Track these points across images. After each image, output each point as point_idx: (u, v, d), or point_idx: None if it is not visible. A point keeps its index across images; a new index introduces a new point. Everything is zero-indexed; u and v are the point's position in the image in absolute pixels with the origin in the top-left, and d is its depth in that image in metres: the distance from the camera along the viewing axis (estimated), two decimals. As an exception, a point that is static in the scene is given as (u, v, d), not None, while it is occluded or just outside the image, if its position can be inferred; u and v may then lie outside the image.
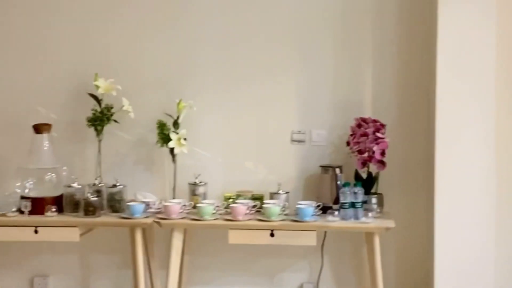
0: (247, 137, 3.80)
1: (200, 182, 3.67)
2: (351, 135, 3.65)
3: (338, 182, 3.60)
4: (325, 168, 3.66)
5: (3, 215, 3.54)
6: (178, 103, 3.68)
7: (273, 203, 3.52)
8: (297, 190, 3.75)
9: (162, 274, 3.70)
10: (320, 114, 3.78)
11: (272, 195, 3.62)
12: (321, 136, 3.77)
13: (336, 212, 3.46)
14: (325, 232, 3.66)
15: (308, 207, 3.46)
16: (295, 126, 3.79)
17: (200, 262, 3.85)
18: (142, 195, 3.65)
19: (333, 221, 3.44)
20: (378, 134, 3.53)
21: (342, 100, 3.78)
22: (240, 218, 3.45)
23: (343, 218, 3.46)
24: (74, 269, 3.94)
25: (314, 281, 3.82)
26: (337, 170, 3.62)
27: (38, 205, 3.56)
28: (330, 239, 3.74)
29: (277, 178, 3.72)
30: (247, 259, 3.83)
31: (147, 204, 3.57)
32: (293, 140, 3.78)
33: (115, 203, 3.60)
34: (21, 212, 3.55)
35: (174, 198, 3.66)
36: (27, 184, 3.60)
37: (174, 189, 3.69)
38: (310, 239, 3.39)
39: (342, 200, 3.46)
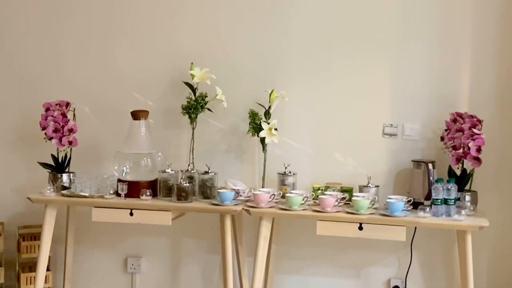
0: (338, 128, 3.73)
1: (289, 172, 3.64)
2: (446, 130, 3.55)
3: (431, 178, 3.49)
4: (417, 162, 3.55)
5: (101, 196, 3.60)
6: (270, 93, 3.65)
7: (363, 196, 3.45)
8: (387, 184, 3.68)
9: (249, 261, 3.72)
10: (413, 108, 3.66)
11: (362, 188, 3.56)
12: (414, 130, 3.67)
13: (428, 208, 3.35)
14: (415, 228, 3.58)
15: (399, 201, 3.37)
16: (387, 119, 3.70)
17: (287, 251, 3.82)
18: (232, 183, 3.65)
19: (424, 217, 3.34)
20: (475, 130, 3.41)
21: (437, 93, 3.65)
22: (329, 209, 3.39)
23: (435, 215, 3.36)
24: (165, 252, 3.98)
25: (402, 277, 3.75)
26: (430, 166, 3.50)
27: (134, 189, 3.60)
28: (420, 235, 3.65)
29: (367, 171, 3.66)
30: (334, 251, 3.79)
31: (237, 192, 3.57)
32: (384, 134, 3.70)
33: (206, 190, 3.60)
34: (118, 195, 3.59)
35: (263, 187, 3.65)
36: (124, 168, 3.63)
37: (263, 178, 3.67)
38: (399, 234, 3.31)
39: (434, 196, 3.37)
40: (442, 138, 3.56)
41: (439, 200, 3.35)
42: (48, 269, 3.72)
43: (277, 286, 3.82)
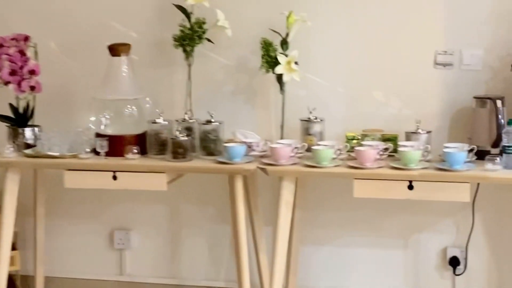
0: (376, 59, 3.61)
1: (315, 118, 3.53)
2: None
3: (500, 119, 3.34)
4: (481, 100, 3.39)
5: (75, 156, 3.50)
6: (288, 16, 3.52)
7: (411, 146, 3.31)
8: (441, 129, 3.55)
9: (267, 231, 3.70)
10: (473, 28, 3.51)
11: (409, 136, 3.43)
12: (476, 57, 3.52)
13: (498, 159, 3.20)
14: (478, 184, 3.44)
15: (459, 151, 3.23)
16: (440, 44, 3.54)
17: (315, 218, 3.75)
18: (242, 134, 3.56)
19: (494, 170, 3.17)
20: (559, 53, 3.27)
21: (506, 6, 3.47)
22: (369, 165, 3.25)
23: (507, 167, 3.21)
24: (161, 222, 3.94)
25: (461, 245, 3.63)
26: (499, 103, 3.34)
27: (116, 145, 3.50)
28: (483, 192, 3.49)
29: (415, 113, 3.54)
30: (374, 216, 3.69)
31: (249, 146, 3.47)
32: (437, 63, 3.56)
33: (210, 144, 3.50)
34: (97, 153, 3.50)
35: (282, 138, 3.57)
36: (103, 119, 3.55)
37: (282, 126, 3.59)
38: (462, 194, 3.15)
39: (505, 142, 3.21)
40: (513, 67, 3.42)
41: (511, 148, 3.21)
42: (14, 248, 3.68)
43: (304, 260, 3.75)
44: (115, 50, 3.56)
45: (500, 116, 3.32)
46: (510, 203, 3.57)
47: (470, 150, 3.26)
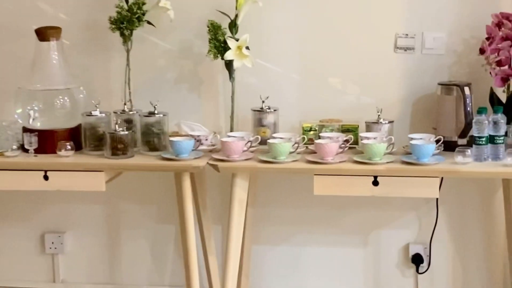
0: (333, 43, 3.48)
1: (268, 108, 3.38)
2: (487, 38, 3.23)
3: (468, 107, 3.17)
4: (447, 86, 3.24)
5: (0, 154, 3.32)
6: None
7: (374, 138, 3.16)
8: (403, 117, 3.43)
9: (216, 229, 3.61)
10: (436, 9, 3.41)
11: (370, 126, 3.28)
12: (438, 40, 3.41)
13: (468, 151, 3.04)
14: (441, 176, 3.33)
15: (428, 143, 3.07)
16: (400, 27, 3.44)
17: (269, 215, 3.64)
18: (188, 126, 3.40)
19: (465, 163, 3.00)
20: (530, 38, 3.13)
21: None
22: (330, 159, 3.07)
23: (478, 159, 3.06)
24: (97, 224, 3.80)
25: (424, 241, 3.53)
26: (466, 90, 3.19)
27: (47, 141, 3.35)
28: (447, 185, 3.35)
29: (375, 100, 3.41)
30: (332, 212, 3.59)
31: (197, 139, 3.30)
32: (397, 47, 3.45)
33: (153, 138, 3.33)
34: (25, 151, 3.35)
35: (232, 130, 3.41)
36: (31, 112, 3.38)
37: (232, 117, 3.43)
38: (431, 189, 2.99)
39: (476, 133, 3.06)
40: (482, 51, 3.24)
41: (483, 139, 3.05)
42: None
43: (257, 260, 3.65)
44: (43, 34, 3.40)
45: (468, 104, 3.18)
46: (475, 196, 3.51)
47: (437, 141, 3.13)
